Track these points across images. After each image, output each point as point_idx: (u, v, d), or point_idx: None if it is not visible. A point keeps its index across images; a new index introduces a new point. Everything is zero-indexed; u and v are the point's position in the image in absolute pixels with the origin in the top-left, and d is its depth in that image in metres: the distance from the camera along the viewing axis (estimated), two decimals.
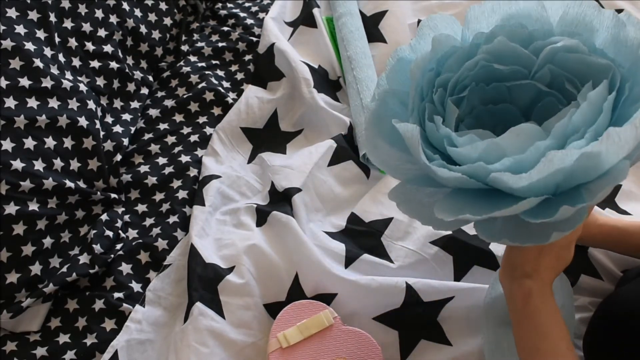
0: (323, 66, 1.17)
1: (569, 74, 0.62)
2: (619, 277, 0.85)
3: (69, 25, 1.03)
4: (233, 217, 0.96)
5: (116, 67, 1.08)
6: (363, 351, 0.80)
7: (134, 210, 0.98)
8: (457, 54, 0.63)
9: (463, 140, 0.57)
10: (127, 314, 0.85)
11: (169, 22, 1.22)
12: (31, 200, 0.86)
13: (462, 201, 0.60)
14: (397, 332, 0.83)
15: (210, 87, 1.13)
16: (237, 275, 0.86)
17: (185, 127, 1.09)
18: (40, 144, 0.89)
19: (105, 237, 0.91)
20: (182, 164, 1.02)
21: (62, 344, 0.83)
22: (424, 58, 0.62)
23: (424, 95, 0.63)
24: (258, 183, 1.02)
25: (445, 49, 0.63)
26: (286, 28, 1.26)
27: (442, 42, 0.63)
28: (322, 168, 1.01)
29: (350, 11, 1.20)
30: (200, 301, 0.83)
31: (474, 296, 0.82)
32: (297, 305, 0.83)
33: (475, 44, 0.64)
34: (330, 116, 1.07)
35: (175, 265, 0.91)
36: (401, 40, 1.19)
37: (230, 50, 1.24)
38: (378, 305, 0.84)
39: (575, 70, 0.61)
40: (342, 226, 0.95)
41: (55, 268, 0.88)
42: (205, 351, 0.79)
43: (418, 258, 0.89)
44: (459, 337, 0.82)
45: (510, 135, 0.55)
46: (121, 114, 1.07)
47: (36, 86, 0.91)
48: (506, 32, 0.62)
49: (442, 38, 0.62)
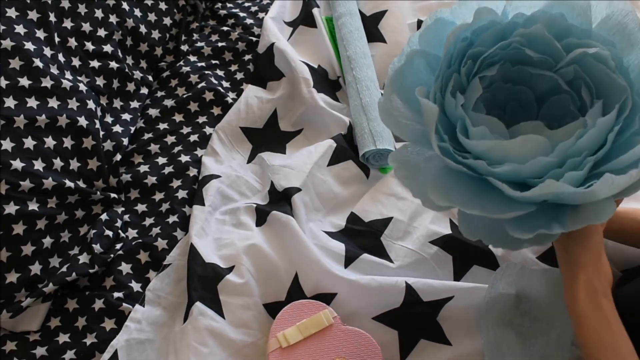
0: (323, 66, 1.17)
1: (590, 81, 0.63)
2: (618, 276, 0.85)
3: (69, 25, 1.03)
4: (233, 216, 0.96)
5: (116, 67, 1.08)
6: (363, 351, 0.80)
7: (133, 210, 0.98)
8: (494, 29, 0.64)
9: (474, 132, 0.59)
10: (126, 313, 0.85)
11: (168, 22, 1.22)
12: (31, 200, 0.86)
13: (454, 182, 0.62)
14: (396, 332, 0.83)
15: (210, 86, 1.13)
16: (237, 275, 0.86)
17: (184, 127, 1.09)
18: (40, 143, 0.89)
19: (105, 237, 0.91)
20: (182, 163, 1.03)
21: (62, 343, 0.83)
22: (461, 27, 0.63)
23: (452, 63, 0.64)
24: (258, 183, 1.02)
25: (484, 22, 0.64)
26: (286, 28, 1.26)
27: (483, 16, 0.63)
28: (322, 168, 1.01)
29: (350, 11, 1.20)
30: (200, 301, 0.83)
31: (474, 296, 0.83)
32: (297, 305, 0.83)
33: (513, 23, 0.64)
34: (330, 116, 1.07)
35: (175, 265, 0.91)
36: (401, 40, 1.19)
37: (229, 50, 1.24)
38: (378, 305, 0.84)
39: (596, 80, 0.63)
40: (341, 226, 0.95)
41: (55, 268, 0.88)
42: (204, 351, 0.79)
43: (418, 258, 0.89)
44: (459, 337, 0.82)
45: (518, 142, 0.57)
46: (121, 113, 1.07)
47: (36, 86, 0.91)
48: (545, 20, 0.63)
49: (484, 12, 0.63)
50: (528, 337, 0.78)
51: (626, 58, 0.61)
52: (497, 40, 0.64)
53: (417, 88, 0.62)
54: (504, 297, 0.81)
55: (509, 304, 0.81)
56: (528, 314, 0.80)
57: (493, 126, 0.62)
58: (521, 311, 0.80)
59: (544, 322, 0.78)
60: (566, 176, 0.56)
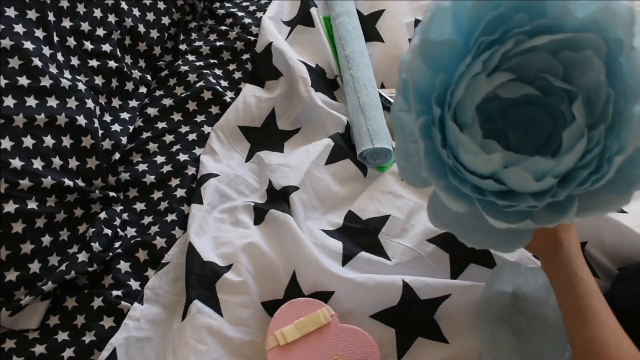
0: (320, 65, 1.17)
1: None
2: (615, 274, 0.86)
3: (68, 24, 1.03)
4: (231, 215, 0.97)
5: (114, 66, 1.08)
6: (360, 349, 0.80)
7: (132, 209, 0.99)
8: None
9: (470, 154, 0.60)
10: (125, 311, 0.85)
11: (167, 21, 1.22)
12: (30, 198, 0.86)
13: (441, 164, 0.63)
14: (394, 330, 0.83)
15: (208, 86, 1.14)
16: (235, 273, 0.87)
17: (183, 126, 1.10)
18: (39, 142, 0.89)
19: (104, 236, 0.91)
20: (180, 162, 1.03)
21: (61, 341, 0.83)
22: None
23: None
24: (256, 181, 1.02)
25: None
26: (284, 27, 1.26)
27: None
28: (320, 166, 1.01)
29: (348, 10, 1.21)
30: (198, 299, 0.83)
31: (471, 294, 0.83)
32: (295, 303, 0.83)
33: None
34: (328, 115, 1.07)
35: (174, 264, 0.91)
36: (398, 39, 1.19)
37: (228, 49, 1.24)
38: (375, 303, 0.84)
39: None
40: (339, 224, 0.95)
41: (54, 266, 0.88)
42: (203, 349, 0.79)
43: (415, 256, 0.89)
44: (456, 335, 0.82)
45: (511, 172, 0.58)
46: (119, 112, 1.08)
47: (35, 85, 0.91)
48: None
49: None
50: (525, 335, 0.78)
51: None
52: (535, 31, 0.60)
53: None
54: (501, 296, 0.81)
55: (506, 302, 0.81)
56: (525, 312, 0.80)
57: (488, 147, 0.62)
58: (518, 309, 0.80)
59: (541, 320, 0.78)
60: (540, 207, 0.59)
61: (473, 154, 0.59)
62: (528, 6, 0.60)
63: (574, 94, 0.61)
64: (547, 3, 0.60)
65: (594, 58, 0.59)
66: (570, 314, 0.65)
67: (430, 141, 0.61)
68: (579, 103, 0.60)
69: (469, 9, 0.60)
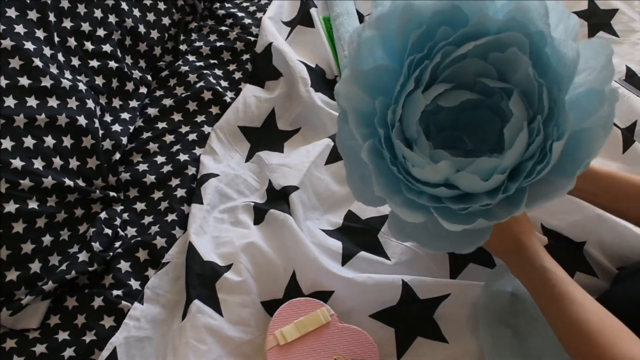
0: (320, 65, 1.18)
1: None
2: (614, 274, 0.86)
3: (68, 24, 1.03)
4: (231, 215, 0.97)
5: (115, 67, 1.08)
6: (360, 348, 0.80)
7: (132, 209, 0.99)
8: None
9: (418, 166, 0.62)
10: (125, 311, 0.85)
11: (167, 21, 1.22)
12: (31, 198, 0.86)
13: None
14: (393, 330, 0.83)
15: (209, 86, 1.14)
16: (235, 273, 0.87)
17: (183, 126, 1.10)
18: (39, 142, 0.89)
19: (104, 235, 0.91)
20: (181, 162, 1.03)
21: (62, 341, 0.83)
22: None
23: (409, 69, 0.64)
24: (256, 181, 1.03)
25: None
26: (284, 28, 1.26)
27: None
28: (319, 166, 1.01)
29: (348, 11, 1.21)
30: (198, 299, 0.83)
31: (470, 294, 0.83)
32: (294, 302, 0.84)
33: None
34: (327, 115, 1.07)
35: (174, 263, 0.91)
36: None
37: (228, 49, 1.24)
38: (374, 302, 0.84)
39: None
40: (339, 224, 0.95)
41: (54, 266, 0.89)
42: (203, 348, 0.79)
43: (414, 255, 0.89)
44: (455, 335, 0.82)
45: (460, 176, 0.60)
46: (120, 113, 1.08)
47: (36, 85, 0.91)
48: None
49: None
50: (524, 336, 0.78)
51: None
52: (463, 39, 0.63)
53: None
54: (500, 296, 0.81)
55: (505, 303, 0.81)
56: (523, 313, 0.80)
57: (436, 155, 0.64)
58: (517, 310, 0.80)
59: (540, 321, 0.78)
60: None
61: (421, 165, 0.61)
62: (449, 18, 0.62)
63: (510, 91, 0.64)
64: (467, 12, 0.62)
65: (518, 54, 0.61)
66: (549, 306, 0.66)
67: (381, 161, 0.64)
68: (515, 98, 0.62)
69: (394, 33, 0.63)
